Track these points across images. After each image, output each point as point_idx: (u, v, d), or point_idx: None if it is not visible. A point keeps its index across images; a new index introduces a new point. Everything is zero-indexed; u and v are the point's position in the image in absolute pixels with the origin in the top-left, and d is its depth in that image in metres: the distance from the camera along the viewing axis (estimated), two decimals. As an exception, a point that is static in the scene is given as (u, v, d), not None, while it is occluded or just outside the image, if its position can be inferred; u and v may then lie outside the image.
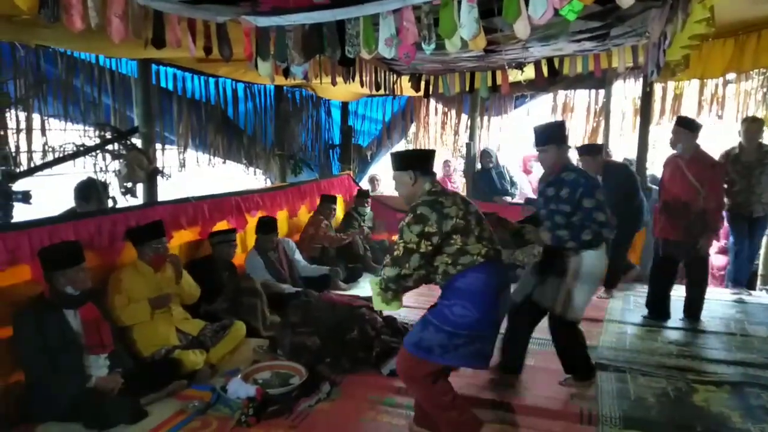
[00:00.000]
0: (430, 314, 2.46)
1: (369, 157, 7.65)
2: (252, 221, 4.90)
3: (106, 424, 2.72)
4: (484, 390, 3.15)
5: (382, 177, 8.12)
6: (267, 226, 4.79)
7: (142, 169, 3.72)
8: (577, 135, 7.00)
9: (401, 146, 7.78)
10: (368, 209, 6.38)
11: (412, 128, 7.67)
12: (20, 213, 3.19)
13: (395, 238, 6.75)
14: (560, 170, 3.00)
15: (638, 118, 6.05)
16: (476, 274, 2.38)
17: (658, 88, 6.00)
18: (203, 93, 5.01)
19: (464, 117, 7.37)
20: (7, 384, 2.86)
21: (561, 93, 6.97)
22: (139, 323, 3.40)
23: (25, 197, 3.10)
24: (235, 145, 5.47)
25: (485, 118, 7.31)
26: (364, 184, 7.76)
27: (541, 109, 7.65)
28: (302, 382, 3.12)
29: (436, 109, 7.50)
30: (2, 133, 2.90)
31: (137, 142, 3.81)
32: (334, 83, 3.96)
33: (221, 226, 4.45)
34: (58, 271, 2.86)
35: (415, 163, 2.54)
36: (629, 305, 4.79)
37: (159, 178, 3.98)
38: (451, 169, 7.82)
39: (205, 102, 5.02)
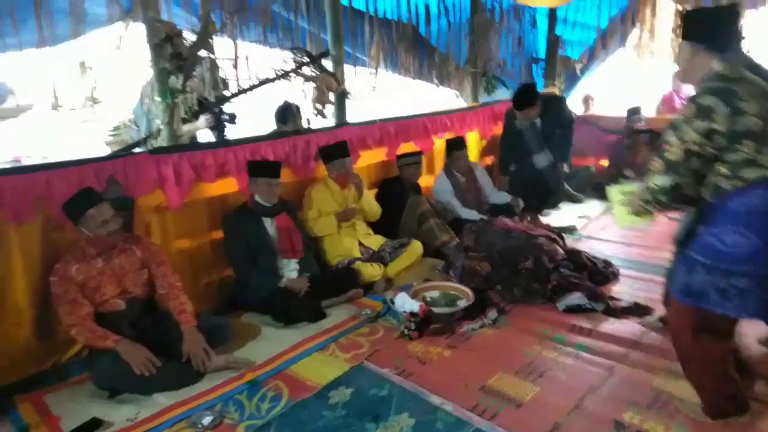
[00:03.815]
0: (692, 250, 1.94)
1: (579, 72, 6.81)
2: (439, 143, 4.85)
3: (292, 319, 3.09)
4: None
5: (597, 96, 7.24)
6: (456, 143, 4.67)
7: (331, 91, 3.90)
8: None
9: (618, 55, 6.74)
10: None
11: (634, 35, 6.53)
12: (228, 133, 3.65)
13: (603, 163, 6.03)
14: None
15: None
16: (760, 191, 1.80)
17: None
18: (395, 11, 4.96)
19: (705, 15, 5.98)
20: (222, 277, 3.44)
21: None
22: (327, 235, 3.73)
23: (232, 118, 3.53)
24: (426, 64, 5.38)
25: (735, 14, 5.82)
26: (574, 103, 7.02)
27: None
28: (467, 306, 3.09)
29: (666, 9, 6.22)
30: (213, 57, 3.27)
31: (327, 64, 3.97)
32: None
33: (407, 147, 4.49)
34: (261, 179, 3.23)
35: (701, 30, 1.93)
36: None
37: (347, 99, 4.12)
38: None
39: (396, 20, 4.98)
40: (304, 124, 3.94)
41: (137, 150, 3.17)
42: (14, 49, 3.01)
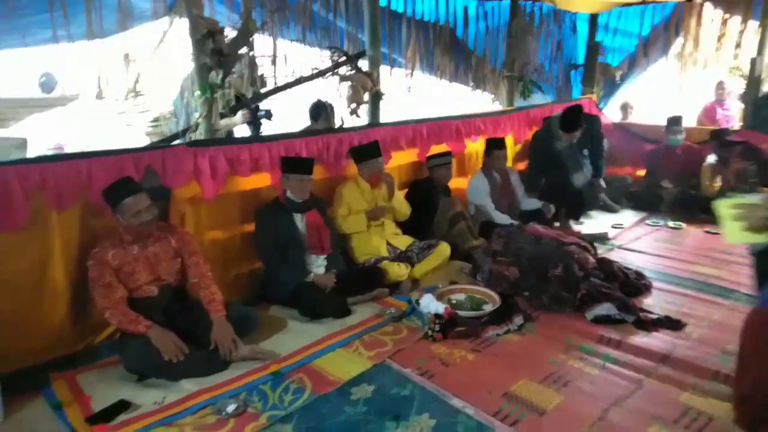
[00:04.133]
0: None
1: (618, 78, 6.69)
2: (471, 146, 4.83)
3: (317, 314, 3.13)
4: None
5: (636, 104, 7.10)
6: (497, 142, 4.65)
7: (366, 91, 3.92)
8: None
9: (660, 65, 6.60)
10: None
11: (678, 44, 6.38)
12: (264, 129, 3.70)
13: (640, 173, 5.91)
14: None
15: None
16: None
17: None
18: (433, 13, 4.97)
19: (753, 24, 5.80)
20: (251, 270, 3.49)
21: None
22: (356, 233, 3.75)
23: (268, 115, 3.58)
24: (462, 67, 5.37)
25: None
26: (612, 111, 6.90)
27: None
28: (493, 310, 3.07)
29: (712, 17, 6.06)
30: (253, 54, 3.34)
31: (364, 64, 4.00)
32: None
33: (439, 149, 4.49)
34: (293, 175, 3.27)
35: None
36: None
37: (381, 100, 4.15)
38: (725, 92, 6.39)
39: (434, 23, 4.98)
40: (338, 123, 3.98)
41: (176, 142, 3.25)
42: (65, 40, 3.13)
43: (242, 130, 3.93)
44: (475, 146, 4.91)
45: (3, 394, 2.24)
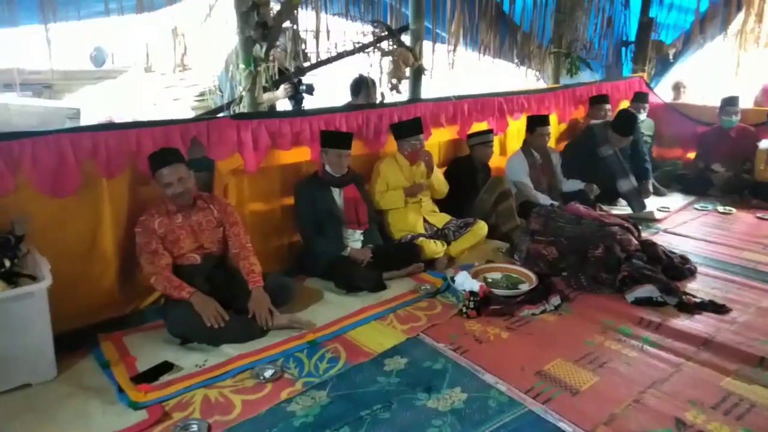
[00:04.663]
0: None
1: (671, 57, 6.39)
2: (513, 124, 4.73)
3: (352, 288, 3.16)
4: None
5: (689, 84, 6.77)
6: (540, 118, 4.54)
7: (408, 66, 3.89)
8: None
9: (716, 43, 6.25)
10: (643, 116, 5.46)
11: (738, 20, 6.02)
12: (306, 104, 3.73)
13: (690, 155, 5.71)
14: None
15: None
16: None
17: None
18: (479, -14, 4.85)
19: (823, -1, 5.42)
20: (291, 242, 3.57)
21: None
22: (393, 209, 3.76)
23: (309, 89, 3.61)
24: (507, 43, 5.23)
25: None
26: (664, 90, 6.61)
27: None
28: (530, 290, 3.04)
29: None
30: (296, 28, 3.35)
31: (406, 39, 3.96)
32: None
33: (480, 126, 4.41)
34: (332, 149, 3.30)
35: None
36: None
37: (423, 75, 4.10)
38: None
39: (480, -5, 4.86)
40: (378, 99, 3.96)
41: (220, 114, 3.32)
42: (115, 14, 3.21)
43: (284, 106, 3.97)
44: (518, 124, 4.81)
45: (56, 352, 2.37)
